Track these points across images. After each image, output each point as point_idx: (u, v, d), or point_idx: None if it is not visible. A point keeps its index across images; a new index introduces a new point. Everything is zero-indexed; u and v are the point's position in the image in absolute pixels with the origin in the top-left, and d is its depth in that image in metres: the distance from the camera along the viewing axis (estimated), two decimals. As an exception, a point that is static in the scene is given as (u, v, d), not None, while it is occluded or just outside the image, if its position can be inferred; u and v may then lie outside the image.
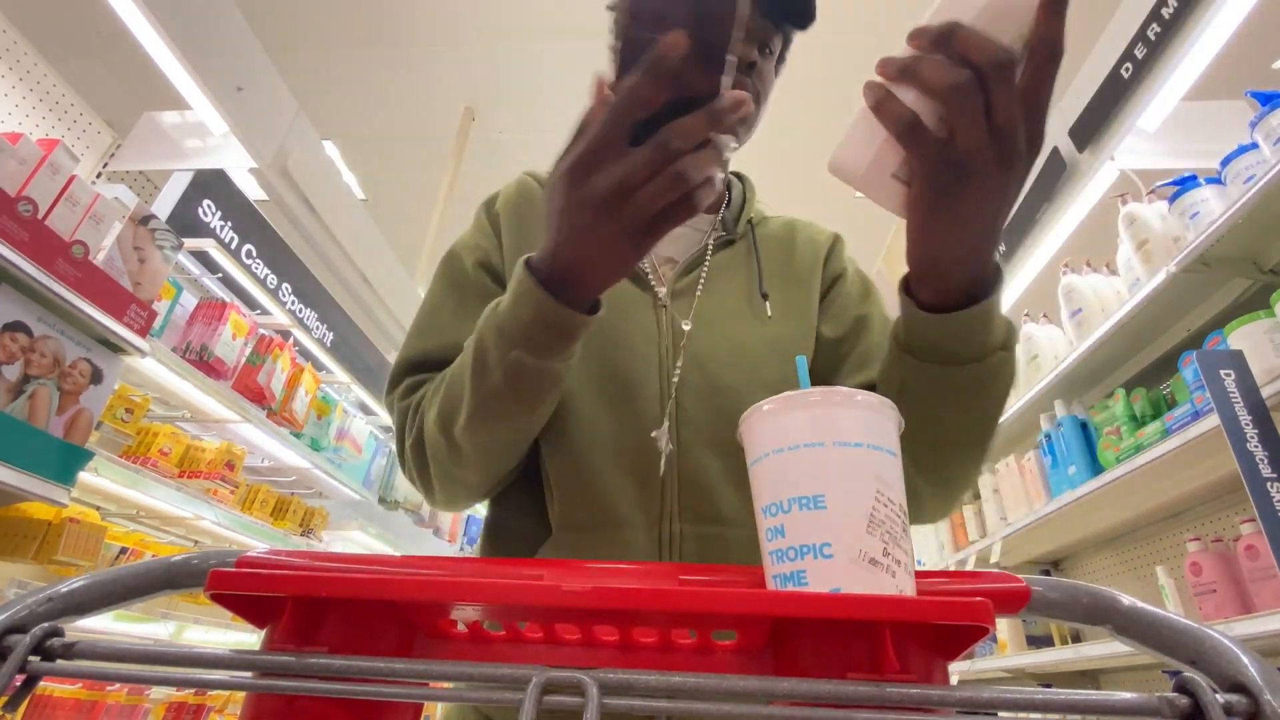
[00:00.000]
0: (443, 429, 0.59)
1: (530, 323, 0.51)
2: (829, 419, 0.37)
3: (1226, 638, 0.32)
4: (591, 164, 0.44)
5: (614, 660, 0.37)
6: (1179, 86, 2.00)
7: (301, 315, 3.07)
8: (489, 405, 0.56)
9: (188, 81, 2.21)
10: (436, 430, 0.60)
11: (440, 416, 0.60)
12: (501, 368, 0.53)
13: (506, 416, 0.57)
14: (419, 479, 0.69)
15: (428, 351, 0.72)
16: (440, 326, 0.73)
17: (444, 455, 0.61)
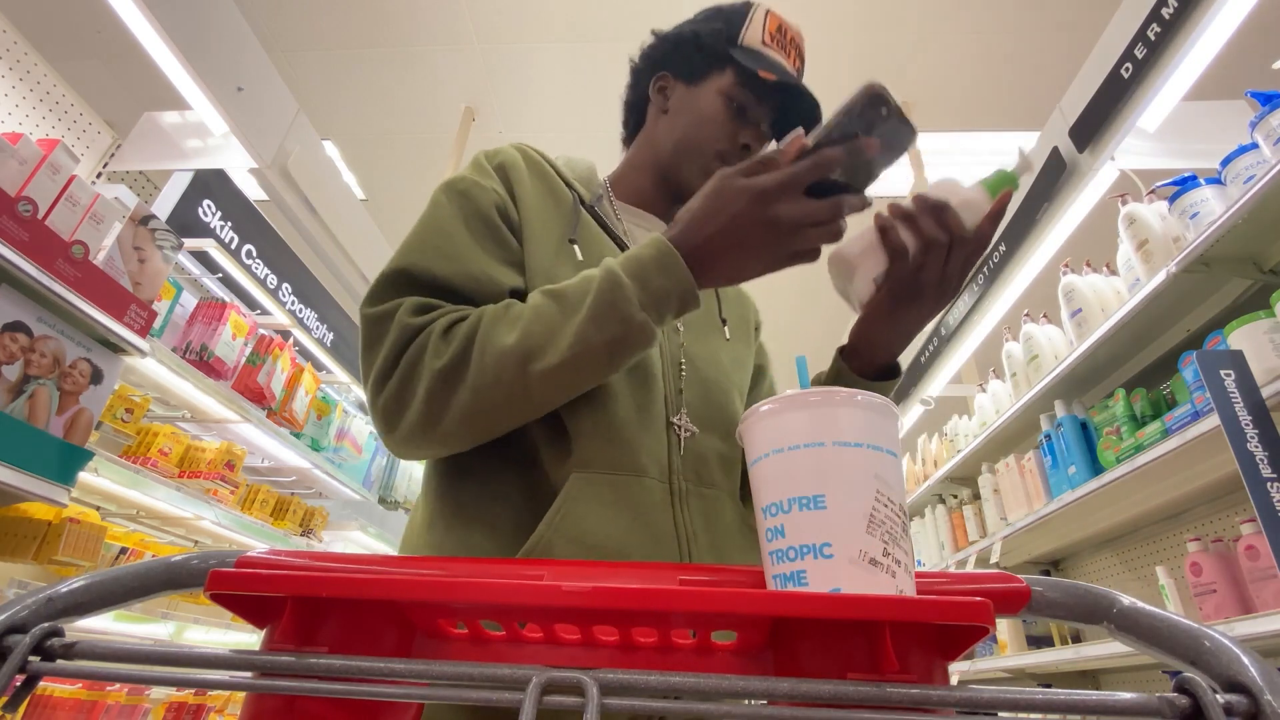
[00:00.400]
0: (520, 364, 0.59)
1: (667, 293, 0.61)
2: (829, 419, 0.37)
3: (1226, 638, 0.32)
4: (781, 194, 0.59)
5: (614, 660, 0.37)
6: (1179, 86, 2.00)
7: (301, 315, 3.07)
8: (593, 355, 0.60)
9: (188, 81, 2.20)
10: (509, 364, 0.59)
11: (519, 351, 0.59)
12: (625, 325, 0.60)
13: (600, 369, 0.62)
14: (428, 403, 0.61)
15: (439, 275, 0.67)
16: (455, 254, 0.69)
17: (500, 389, 0.60)
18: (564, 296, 0.62)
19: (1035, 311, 2.55)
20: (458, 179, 0.76)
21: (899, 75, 3.71)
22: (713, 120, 0.85)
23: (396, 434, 0.63)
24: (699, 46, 0.87)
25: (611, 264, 0.62)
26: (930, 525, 3.32)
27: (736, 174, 0.61)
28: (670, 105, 0.89)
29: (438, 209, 0.73)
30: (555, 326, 0.60)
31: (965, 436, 3.11)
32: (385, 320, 0.64)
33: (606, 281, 0.61)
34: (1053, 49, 3.51)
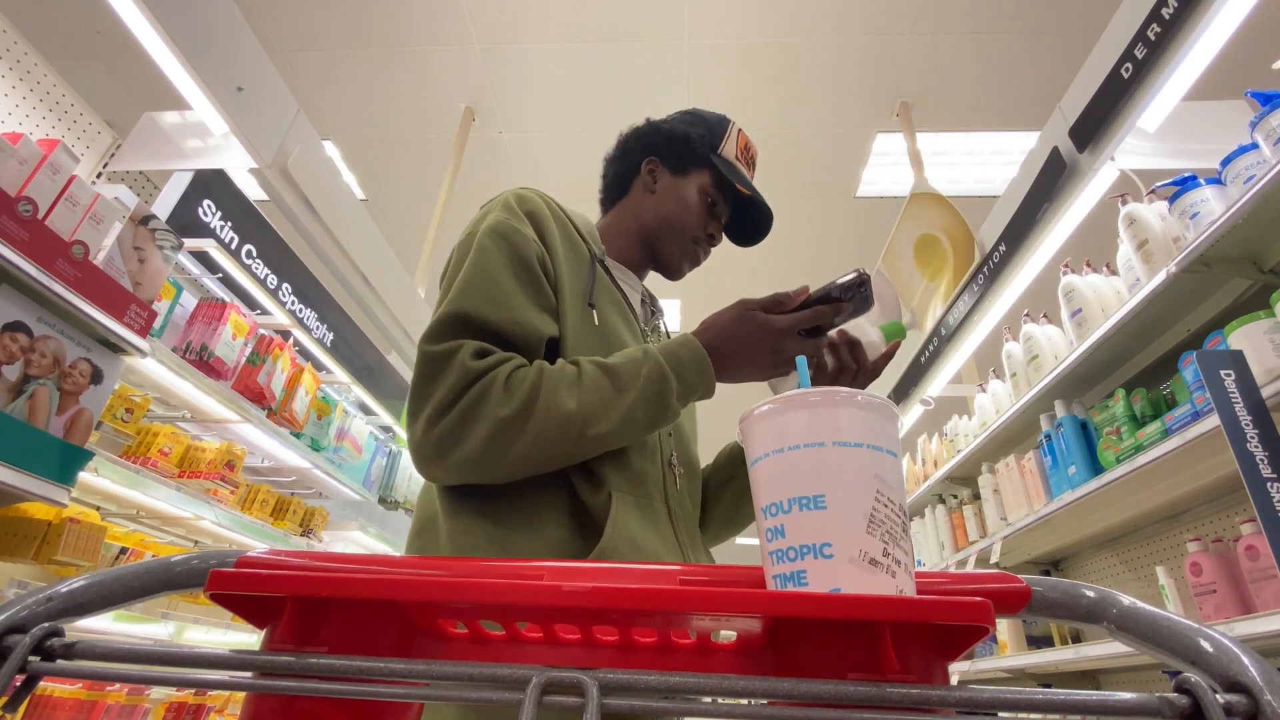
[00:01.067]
0: (579, 428, 0.72)
1: (695, 389, 0.81)
2: (829, 419, 0.37)
3: (1226, 638, 0.32)
4: (786, 333, 0.82)
5: (614, 660, 0.37)
6: (1179, 86, 2.00)
7: (301, 315, 3.06)
8: (636, 428, 0.76)
9: (188, 81, 2.20)
10: (570, 427, 0.72)
11: (579, 417, 0.72)
12: (665, 410, 0.77)
13: (637, 437, 0.78)
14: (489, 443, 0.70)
15: (491, 321, 0.76)
16: (505, 301, 0.78)
17: (557, 444, 0.72)
18: (616, 375, 0.76)
19: (1035, 311, 2.55)
20: (499, 224, 0.84)
21: (899, 75, 3.72)
22: (692, 210, 1.05)
23: (446, 462, 0.72)
24: (688, 146, 1.05)
25: (658, 356, 0.79)
26: (930, 525, 3.32)
27: (758, 308, 0.83)
28: (658, 188, 1.06)
29: (485, 255, 0.81)
30: (609, 401, 0.75)
31: (965, 436, 3.11)
32: (446, 359, 0.73)
33: (656, 373, 0.77)
34: (1053, 49, 3.51)
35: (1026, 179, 2.62)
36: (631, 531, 0.76)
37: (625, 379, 0.76)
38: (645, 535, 0.78)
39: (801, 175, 4.38)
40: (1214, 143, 2.19)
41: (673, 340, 0.83)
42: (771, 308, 0.83)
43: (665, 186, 1.06)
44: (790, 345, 0.83)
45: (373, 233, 3.39)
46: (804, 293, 0.84)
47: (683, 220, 1.04)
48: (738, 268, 5.22)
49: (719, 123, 1.08)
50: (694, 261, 1.10)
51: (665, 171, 1.06)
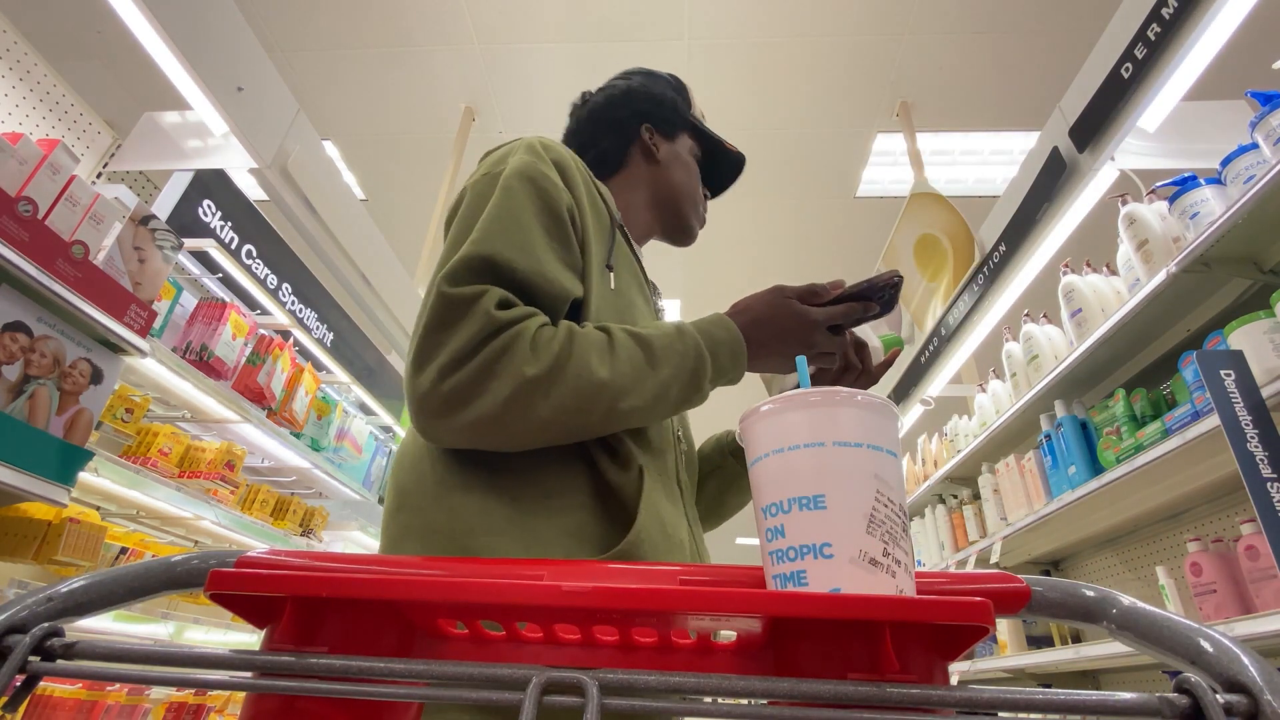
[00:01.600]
0: (610, 399, 0.67)
1: (727, 373, 0.77)
2: (829, 419, 0.37)
3: (1226, 638, 0.32)
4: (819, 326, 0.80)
5: (614, 660, 0.37)
6: (1179, 86, 2.00)
7: (301, 315, 3.06)
8: (666, 405, 0.72)
9: (188, 81, 2.20)
10: (601, 396, 0.66)
11: (611, 388, 0.67)
12: (697, 391, 0.74)
13: (666, 414, 0.73)
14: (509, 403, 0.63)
15: (519, 271, 0.68)
16: (531, 250, 0.71)
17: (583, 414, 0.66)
18: (650, 348, 0.71)
19: (1035, 311, 2.55)
20: (527, 166, 0.76)
21: (899, 75, 3.72)
22: (694, 175, 1.06)
23: (456, 419, 0.63)
24: (676, 111, 1.06)
25: (696, 336, 0.75)
26: (930, 525, 3.32)
27: (795, 298, 0.81)
28: (661, 156, 1.04)
29: (514, 198, 0.73)
30: (642, 375, 0.69)
31: (965, 436, 3.11)
32: (467, 305, 0.64)
33: (694, 352, 0.73)
34: (1053, 49, 3.51)
35: (1026, 179, 2.62)
36: (661, 512, 0.71)
37: (660, 353, 0.71)
38: (672, 517, 0.74)
39: (802, 175, 4.38)
40: (1214, 143, 2.19)
41: (707, 319, 0.78)
42: (807, 298, 0.81)
43: (667, 154, 1.04)
44: (821, 339, 0.80)
45: (373, 233, 3.39)
46: (839, 286, 0.82)
47: (692, 186, 1.04)
48: (738, 267, 5.23)
49: (681, 83, 1.09)
50: (702, 223, 1.09)
51: (660, 138, 1.04)
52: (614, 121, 1.05)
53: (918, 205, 3.44)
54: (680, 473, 0.84)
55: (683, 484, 0.84)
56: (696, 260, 5.08)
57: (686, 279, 5.29)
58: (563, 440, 0.68)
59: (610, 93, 1.07)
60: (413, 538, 0.68)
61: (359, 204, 3.32)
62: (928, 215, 3.35)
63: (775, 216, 4.66)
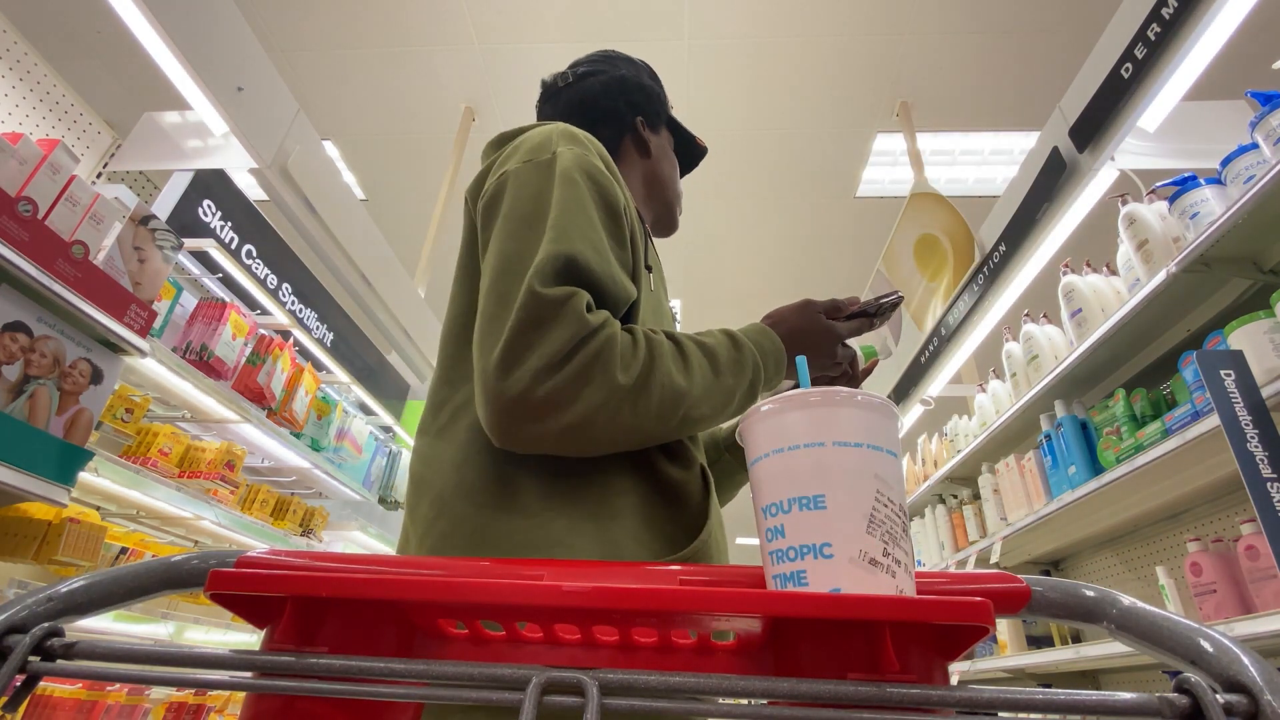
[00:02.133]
0: (686, 409, 0.67)
1: (771, 381, 0.79)
2: (829, 419, 0.37)
3: (1226, 638, 0.32)
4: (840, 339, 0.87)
5: (614, 660, 0.37)
6: (1179, 86, 2.00)
7: (301, 315, 3.06)
8: (728, 414, 0.73)
9: (188, 81, 2.20)
10: (679, 405, 0.67)
11: (688, 398, 0.67)
12: (753, 399, 0.76)
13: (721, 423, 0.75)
14: (602, 410, 0.61)
15: (596, 274, 0.66)
16: (603, 250, 0.69)
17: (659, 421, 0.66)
18: (716, 358, 0.73)
19: (1035, 311, 2.55)
20: (582, 160, 0.74)
21: (899, 75, 3.72)
22: (675, 169, 1.08)
23: (548, 424, 0.60)
24: (662, 105, 1.07)
25: (751, 348, 0.77)
26: (930, 525, 3.32)
27: (824, 313, 0.86)
28: (652, 150, 1.04)
29: (578, 191, 0.70)
30: (711, 384, 0.71)
31: (965, 436, 3.11)
32: (560, 306, 0.61)
33: (752, 363, 0.76)
34: (1053, 49, 3.51)
35: (1026, 179, 2.62)
36: (719, 512, 0.74)
37: (724, 363, 0.73)
38: (718, 514, 0.76)
39: (801, 175, 4.38)
40: (1214, 143, 2.19)
41: (753, 330, 0.80)
42: (832, 313, 0.86)
43: (656, 147, 1.04)
44: (841, 351, 0.87)
45: (373, 233, 3.39)
46: (855, 302, 0.88)
47: (676, 180, 1.07)
48: (738, 267, 5.23)
49: (655, 73, 1.11)
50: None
51: (649, 132, 1.04)
52: (610, 111, 1.02)
53: (918, 205, 3.44)
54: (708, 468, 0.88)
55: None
56: (697, 260, 5.08)
57: (687, 279, 5.29)
58: (634, 447, 0.68)
59: (602, 80, 1.03)
60: (455, 548, 0.64)
61: (359, 204, 3.32)
62: (928, 215, 3.36)
63: (775, 216, 4.66)
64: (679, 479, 0.70)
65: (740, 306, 5.49)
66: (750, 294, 5.46)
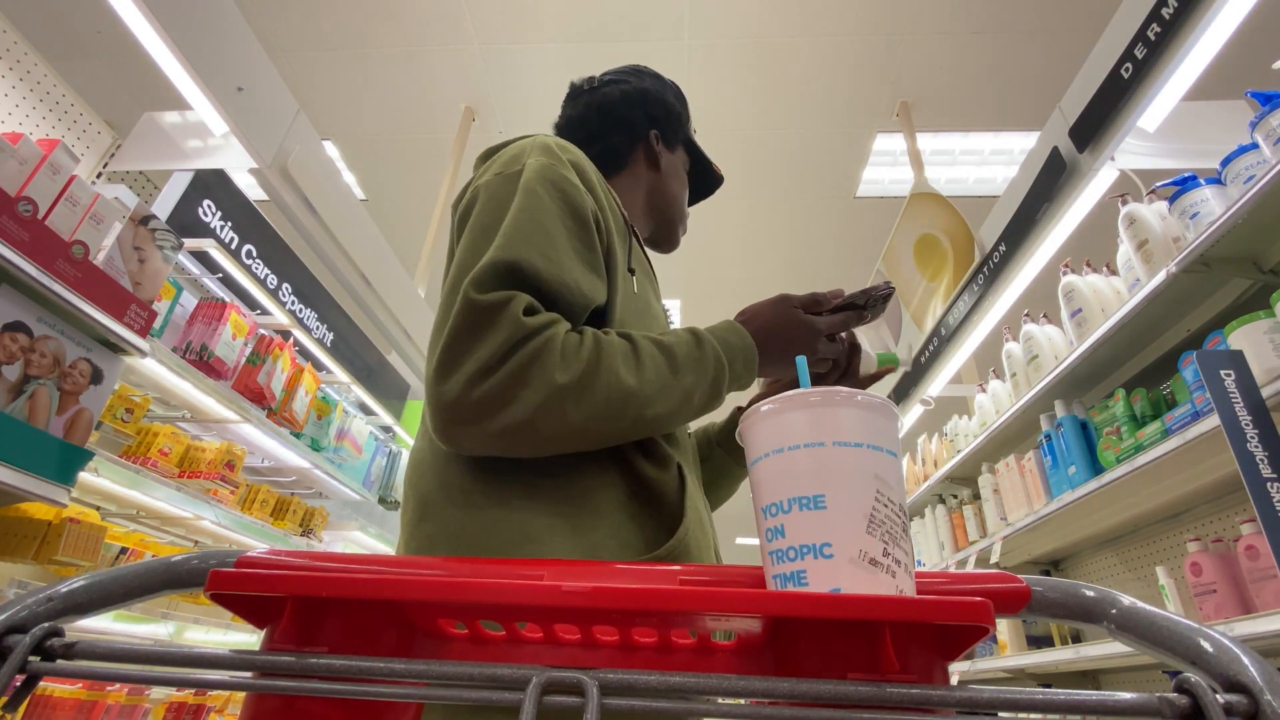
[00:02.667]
0: (637, 407, 0.67)
1: (740, 380, 0.78)
2: (829, 419, 0.37)
3: (1226, 638, 0.32)
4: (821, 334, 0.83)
5: (614, 660, 0.37)
6: (1179, 86, 2.00)
7: (301, 315, 3.06)
8: (687, 413, 0.73)
9: (188, 81, 2.20)
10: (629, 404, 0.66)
11: (639, 396, 0.67)
12: (716, 399, 0.75)
13: (683, 423, 0.75)
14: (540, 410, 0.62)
15: (544, 278, 0.67)
16: (556, 258, 0.69)
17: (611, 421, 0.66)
18: (673, 355, 0.72)
19: (1035, 311, 2.55)
20: (548, 169, 0.75)
21: (899, 75, 3.72)
22: (685, 189, 1.08)
23: (486, 426, 0.62)
24: (680, 123, 1.07)
25: (714, 344, 0.75)
26: (930, 525, 3.32)
27: (800, 307, 0.83)
28: (662, 165, 1.05)
29: (536, 200, 0.72)
30: (667, 383, 0.70)
31: (965, 436, 3.11)
32: (495, 311, 0.63)
33: (714, 360, 0.74)
34: (1053, 49, 3.51)
35: (1026, 179, 2.62)
36: (699, 509, 0.73)
37: (683, 361, 0.72)
38: (704, 512, 0.76)
39: (801, 175, 4.38)
40: (1214, 143, 2.19)
41: (721, 326, 0.79)
42: (811, 307, 0.83)
43: (668, 164, 1.05)
44: (823, 347, 0.83)
45: (373, 233, 3.39)
46: (839, 295, 0.85)
47: (683, 200, 1.07)
48: (738, 267, 5.23)
49: (682, 94, 1.10)
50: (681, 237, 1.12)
51: (663, 147, 1.05)
52: (625, 120, 1.03)
53: (918, 205, 3.44)
54: (696, 467, 0.87)
55: (698, 478, 0.87)
56: (696, 260, 5.08)
57: (686, 279, 5.29)
58: (589, 447, 0.68)
59: (624, 89, 1.04)
60: (440, 549, 0.66)
61: (359, 204, 3.32)
62: (928, 215, 3.36)
63: (775, 216, 4.66)
64: (655, 478, 0.71)
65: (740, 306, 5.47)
66: (750, 294, 5.43)
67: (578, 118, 1.04)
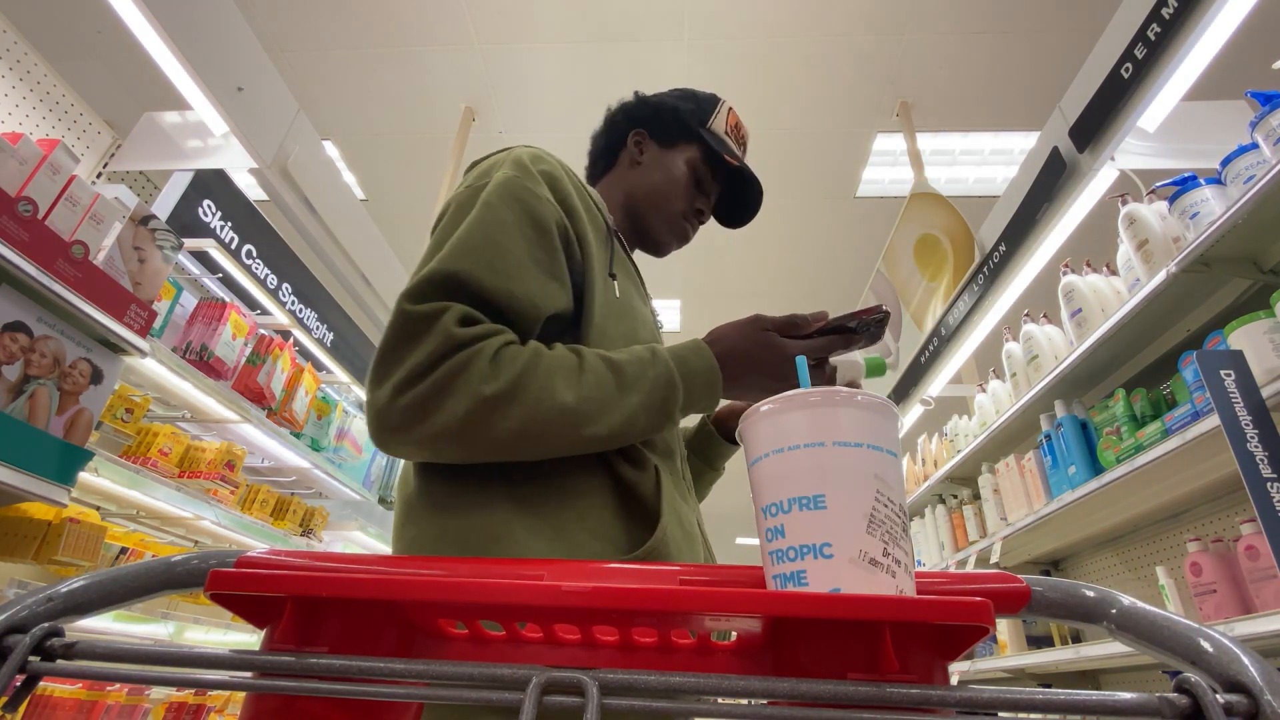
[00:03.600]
0: (574, 425, 0.66)
1: (699, 404, 0.75)
2: (829, 419, 0.37)
3: (1226, 638, 0.32)
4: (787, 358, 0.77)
5: (614, 660, 0.37)
6: (1179, 86, 2.00)
7: (301, 315, 3.07)
8: (633, 434, 0.70)
9: (188, 81, 2.20)
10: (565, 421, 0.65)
11: (576, 414, 0.66)
12: (666, 420, 0.72)
13: (630, 442, 0.72)
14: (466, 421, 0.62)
15: (486, 289, 0.67)
16: (504, 269, 0.69)
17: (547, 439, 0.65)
18: (621, 372, 0.70)
19: (1035, 311, 2.55)
20: (510, 182, 0.75)
21: (899, 75, 3.71)
22: (679, 182, 1.01)
23: (411, 434, 0.63)
24: (676, 118, 1.02)
25: (669, 361, 0.73)
26: (930, 525, 3.32)
27: (774, 329, 0.78)
28: (644, 160, 1.02)
29: (491, 214, 0.72)
30: (610, 401, 0.68)
31: (965, 436, 3.11)
32: (427, 321, 0.64)
33: (664, 380, 0.72)
34: (1052, 49, 3.51)
35: (1026, 179, 2.62)
36: (679, 511, 0.72)
37: (631, 378, 0.70)
38: (687, 515, 0.75)
39: (801, 175, 4.38)
40: (1214, 143, 2.19)
41: (683, 346, 0.76)
42: (786, 330, 0.79)
43: (652, 159, 1.02)
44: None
45: (373, 233, 3.39)
46: (822, 319, 0.79)
47: (669, 192, 1.00)
48: (737, 267, 5.23)
49: (709, 99, 1.06)
50: (681, 238, 1.04)
51: (652, 144, 1.03)
52: (612, 123, 1.07)
53: (918, 205, 3.44)
54: (686, 472, 0.86)
55: (688, 481, 0.86)
56: (696, 260, 5.08)
57: (686, 279, 5.29)
58: (530, 457, 0.67)
59: (626, 99, 1.09)
60: (423, 553, 0.67)
61: (359, 204, 3.33)
62: (928, 215, 3.36)
63: (775, 216, 4.66)
64: (633, 480, 0.72)
65: (740, 306, 5.49)
66: (750, 294, 5.46)
67: (598, 136, 1.09)
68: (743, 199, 1.07)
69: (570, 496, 0.69)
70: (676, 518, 0.71)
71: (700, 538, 0.78)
